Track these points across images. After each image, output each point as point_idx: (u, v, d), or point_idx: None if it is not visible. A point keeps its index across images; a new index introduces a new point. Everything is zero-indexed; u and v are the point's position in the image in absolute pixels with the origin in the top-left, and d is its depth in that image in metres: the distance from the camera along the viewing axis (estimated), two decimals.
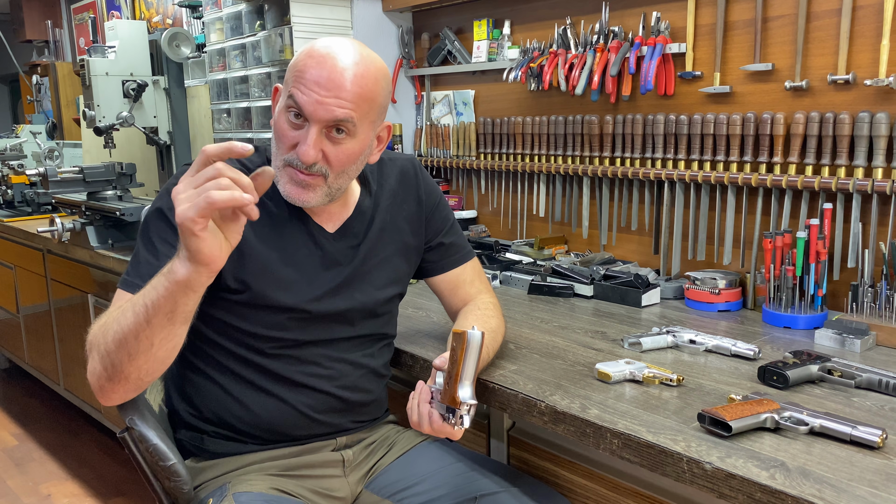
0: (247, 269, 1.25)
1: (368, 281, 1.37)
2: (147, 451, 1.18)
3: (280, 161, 1.23)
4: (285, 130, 1.21)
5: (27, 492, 2.88)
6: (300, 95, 1.17)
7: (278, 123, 1.22)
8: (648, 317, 1.75)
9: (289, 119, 1.20)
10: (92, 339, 1.13)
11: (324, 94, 1.17)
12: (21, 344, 3.73)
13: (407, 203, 1.44)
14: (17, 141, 4.08)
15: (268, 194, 1.28)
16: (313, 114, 1.17)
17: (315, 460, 1.32)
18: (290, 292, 1.28)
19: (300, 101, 1.17)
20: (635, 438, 1.12)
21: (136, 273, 1.20)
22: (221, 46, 2.82)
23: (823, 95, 1.70)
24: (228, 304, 1.27)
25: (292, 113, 1.19)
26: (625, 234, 2.18)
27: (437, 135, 2.67)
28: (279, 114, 1.22)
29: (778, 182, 1.73)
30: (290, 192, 1.24)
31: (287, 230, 1.29)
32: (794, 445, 1.07)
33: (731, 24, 1.85)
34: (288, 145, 1.21)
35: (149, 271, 1.16)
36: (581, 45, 2.15)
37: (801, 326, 1.61)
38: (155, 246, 1.21)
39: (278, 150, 1.23)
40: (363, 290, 1.36)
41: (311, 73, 1.17)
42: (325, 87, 1.17)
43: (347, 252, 1.35)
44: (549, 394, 1.28)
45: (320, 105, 1.17)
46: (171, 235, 1.19)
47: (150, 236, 1.22)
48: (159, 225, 1.22)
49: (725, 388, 1.28)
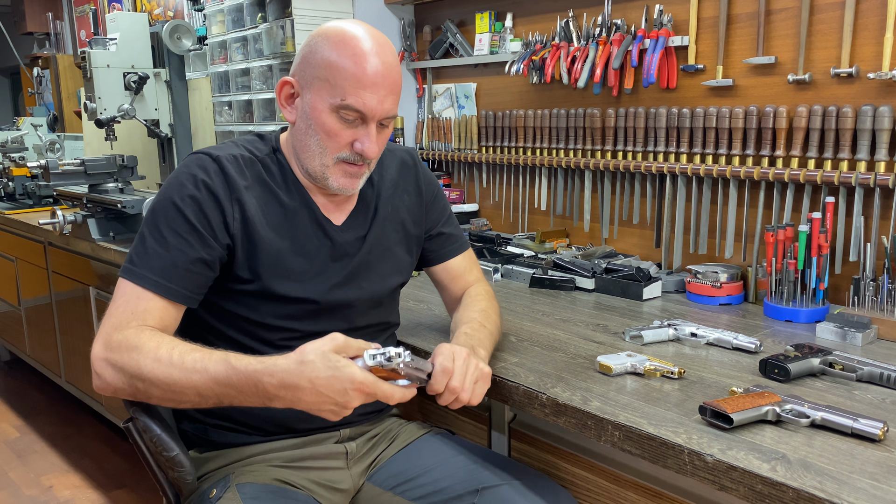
0: (260, 259, 1.25)
1: (374, 271, 1.38)
2: (151, 441, 1.19)
3: (331, 159, 1.25)
4: (339, 130, 1.23)
5: (29, 483, 2.89)
6: (360, 101, 1.20)
7: (327, 124, 1.22)
8: (650, 310, 1.75)
9: (340, 120, 1.22)
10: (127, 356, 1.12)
11: (382, 94, 1.21)
12: (22, 336, 3.73)
13: (408, 193, 1.45)
14: (18, 133, 4.08)
15: (278, 184, 1.30)
16: (375, 114, 1.22)
17: (318, 452, 1.33)
18: (300, 283, 1.29)
19: (361, 107, 1.21)
20: (637, 431, 1.12)
21: (145, 265, 1.18)
22: (223, 39, 2.82)
23: (826, 89, 1.70)
24: (240, 294, 1.27)
25: (345, 116, 1.22)
26: (626, 228, 2.18)
27: (439, 128, 2.66)
28: (324, 114, 1.22)
29: (780, 176, 1.73)
30: (345, 185, 1.28)
31: (297, 221, 1.30)
32: (796, 438, 1.07)
33: (733, 16, 1.85)
34: (343, 144, 1.24)
35: (161, 264, 1.17)
36: (583, 37, 2.14)
37: (802, 320, 1.61)
38: (165, 237, 1.20)
39: (328, 149, 1.24)
40: (370, 279, 1.37)
41: (364, 78, 1.19)
42: (382, 87, 1.21)
43: (354, 243, 1.36)
44: (550, 386, 1.28)
45: (380, 105, 1.22)
46: (183, 227, 1.20)
47: (159, 226, 1.21)
48: (170, 214, 1.21)
49: (727, 381, 1.28)
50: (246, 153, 1.29)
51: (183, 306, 1.22)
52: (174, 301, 1.19)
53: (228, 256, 1.25)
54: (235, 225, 1.24)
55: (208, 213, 1.21)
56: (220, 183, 1.23)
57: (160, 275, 1.17)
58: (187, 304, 1.22)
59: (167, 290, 1.18)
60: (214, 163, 1.25)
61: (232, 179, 1.24)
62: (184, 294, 1.20)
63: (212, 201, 1.22)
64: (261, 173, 1.29)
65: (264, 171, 1.30)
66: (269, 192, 1.29)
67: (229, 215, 1.23)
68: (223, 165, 1.25)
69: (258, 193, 1.27)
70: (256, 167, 1.29)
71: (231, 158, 1.27)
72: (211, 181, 1.23)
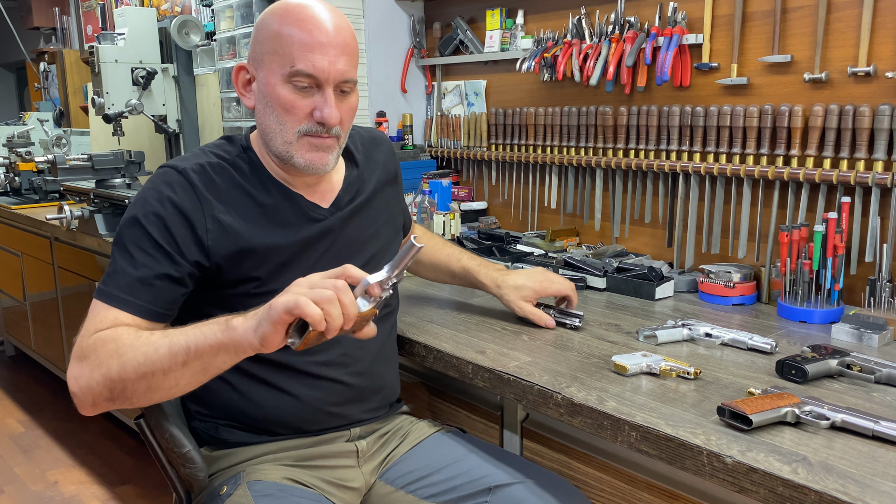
0: (253, 263, 1.24)
1: (368, 250, 1.37)
2: (163, 437, 1.18)
3: (293, 135, 1.22)
4: (295, 101, 1.20)
5: (34, 479, 2.88)
6: (309, 64, 1.17)
7: (282, 97, 1.20)
8: (662, 310, 1.74)
9: (295, 90, 1.19)
10: (93, 355, 1.09)
11: (332, 55, 1.18)
12: (28, 331, 3.72)
13: (387, 171, 1.47)
14: (24, 128, 4.06)
15: (253, 184, 1.26)
16: (328, 77, 1.19)
17: (329, 451, 1.32)
18: (301, 273, 1.26)
19: (311, 70, 1.17)
20: (654, 431, 1.10)
21: (113, 283, 1.16)
22: (231, 34, 2.80)
23: (843, 88, 1.68)
24: (247, 297, 1.24)
25: (297, 83, 1.19)
26: (638, 227, 2.16)
27: (448, 125, 2.65)
28: (278, 87, 1.20)
29: (795, 175, 1.71)
30: (313, 160, 1.23)
31: (281, 217, 1.28)
32: (816, 440, 1.06)
33: (749, 14, 1.83)
34: (302, 115, 1.21)
35: (126, 281, 1.15)
36: (596, 35, 2.13)
37: (816, 321, 1.60)
38: (131, 254, 1.17)
39: (288, 124, 1.21)
40: (364, 259, 1.36)
41: (310, 39, 1.17)
42: (330, 47, 1.18)
43: (344, 226, 1.34)
44: (565, 386, 1.27)
45: (332, 66, 1.18)
46: (147, 244, 1.17)
47: (125, 245, 1.18)
48: (134, 233, 1.18)
49: (743, 382, 1.27)
50: (214, 159, 1.26)
51: (155, 324, 1.17)
52: (140, 317, 1.16)
53: (206, 270, 1.22)
54: (211, 237, 1.20)
55: (173, 229, 1.18)
56: (186, 197, 1.20)
57: (126, 291, 1.15)
58: (155, 319, 1.17)
59: (133, 305, 1.15)
60: (180, 175, 1.22)
61: (200, 192, 1.21)
62: (150, 310, 1.16)
63: (178, 217, 1.19)
64: (233, 177, 1.26)
65: (236, 174, 1.26)
66: (244, 194, 1.26)
67: (200, 229, 1.20)
68: (189, 178, 1.22)
69: (233, 199, 1.24)
70: (227, 172, 1.26)
71: (198, 168, 1.24)
72: (177, 196, 1.20)
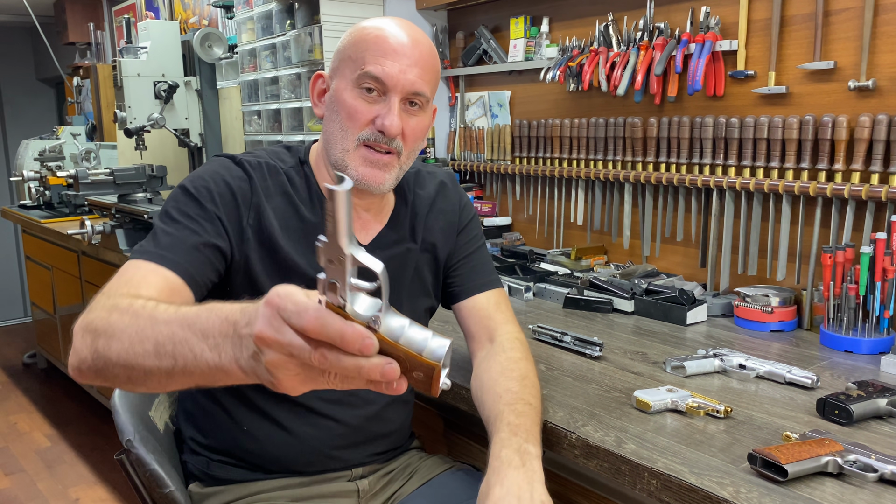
0: (277, 273, 1.16)
1: (402, 293, 1.28)
2: (144, 475, 1.11)
3: (352, 142, 1.15)
4: (359, 107, 1.14)
5: (56, 495, 2.87)
6: (378, 68, 1.12)
7: (347, 102, 1.15)
8: (694, 336, 1.62)
9: (362, 95, 1.14)
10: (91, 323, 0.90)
11: (405, 64, 1.13)
12: (58, 344, 3.74)
13: (444, 214, 1.35)
14: (56, 142, 4.11)
15: (301, 197, 1.21)
16: (396, 84, 1.13)
17: (327, 490, 1.23)
18: None
19: (380, 73, 1.12)
20: (676, 480, 1.00)
21: (151, 242, 1.10)
22: (252, 46, 2.77)
23: (892, 96, 1.55)
24: None
25: (365, 88, 1.14)
26: (669, 245, 2.04)
27: (471, 138, 2.56)
28: (346, 92, 1.15)
29: (839, 191, 1.58)
30: (366, 176, 1.16)
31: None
32: (861, 495, 0.94)
33: (788, 18, 1.71)
34: (364, 122, 1.15)
35: (167, 241, 1.09)
36: (624, 42, 2.02)
37: (863, 351, 1.47)
38: (174, 218, 1.12)
39: (350, 130, 1.15)
40: (397, 302, 1.26)
41: (385, 45, 1.13)
42: (404, 56, 1.13)
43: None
44: (581, 424, 1.17)
45: (402, 74, 1.13)
46: (194, 210, 1.13)
47: (168, 210, 1.14)
48: (181, 199, 1.14)
49: (779, 422, 1.15)
50: (271, 162, 1.22)
51: (186, 288, 1.06)
52: (177, 274, 1.05)
53: (237, 260, 1.15)
54: (250, 231, 1.16)
55: (221, 204, 1.14)
56: (239, 182, 1.17)
57: (166, 249, 1.08)
58: (191, 285, 1.07)
59: (170, 261, 1.06)
60: (237, 166, 1.19)
61: (254, 182, 1.18)
62: (187, 271, 1.07)
63: (228, 195, 1.15)
64: (284, 184, 1.21)
65: (288, 183, 1.22)
66: (290, 204, 1.20)
67: (245, 217, 1.16)
68: (245, 168, 1.19)
69: (279, 204, 1.19)
70: (280, 178, 1.21)
71: (255, 164, 1.20)
72: (231, 178, 1.17)
